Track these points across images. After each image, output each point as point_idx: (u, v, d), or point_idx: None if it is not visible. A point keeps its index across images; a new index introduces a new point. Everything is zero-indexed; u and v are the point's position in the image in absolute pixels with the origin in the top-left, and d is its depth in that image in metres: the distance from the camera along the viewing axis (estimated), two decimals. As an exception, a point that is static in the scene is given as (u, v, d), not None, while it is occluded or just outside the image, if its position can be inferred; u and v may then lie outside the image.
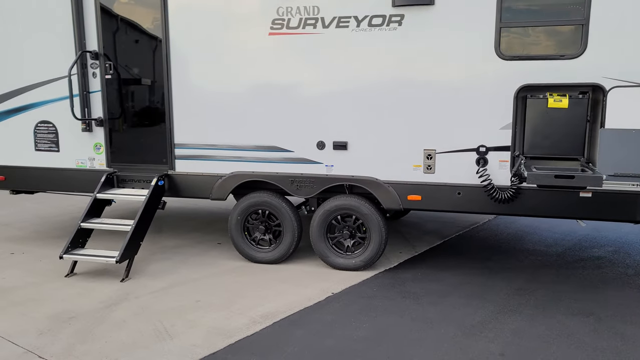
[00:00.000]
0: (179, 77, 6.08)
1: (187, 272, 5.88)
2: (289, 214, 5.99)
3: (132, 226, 5.71)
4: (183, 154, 6.23)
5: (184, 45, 6.00)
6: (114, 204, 6.54)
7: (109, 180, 6.35)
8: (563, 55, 4.98)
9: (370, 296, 5.14)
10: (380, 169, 5.63)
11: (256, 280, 5.62)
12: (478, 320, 4.56)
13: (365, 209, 5.74)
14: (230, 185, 6.10)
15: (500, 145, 5.26)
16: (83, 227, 5.93)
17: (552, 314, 4.69)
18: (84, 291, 5.29)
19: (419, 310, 4.78)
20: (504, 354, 3.96)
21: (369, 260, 5.82)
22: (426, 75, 5.36)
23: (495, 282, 5.52)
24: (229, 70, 5.91)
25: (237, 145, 6.03)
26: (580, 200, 5.13)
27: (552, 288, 5.35)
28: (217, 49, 5.91)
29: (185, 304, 4.95)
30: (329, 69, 5.62)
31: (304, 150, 5.84)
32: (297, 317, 4.65)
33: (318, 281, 5.57)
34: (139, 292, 5.26)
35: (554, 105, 5.09)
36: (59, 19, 6.30)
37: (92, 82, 6.42)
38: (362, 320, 4.59)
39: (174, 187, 6.33)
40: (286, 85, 5.77)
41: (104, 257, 5.58)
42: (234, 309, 4.83)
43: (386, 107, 5.51)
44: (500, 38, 5.11)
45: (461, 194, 5.43)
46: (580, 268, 5.98)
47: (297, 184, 5.90)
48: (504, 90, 5.17)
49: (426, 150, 5.47)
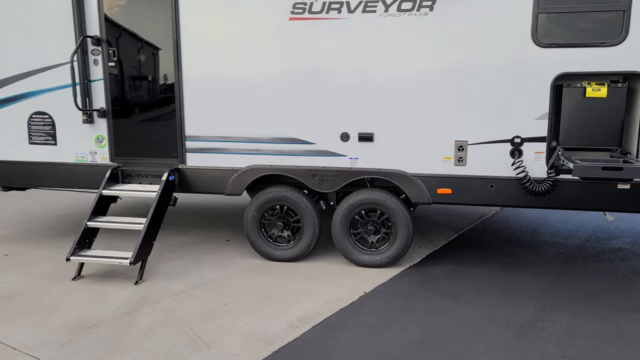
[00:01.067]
0: (191, 65, 5.69)
1: (203, 272, 5.54)
2: (309, 209, 5.69)
3: (145, 224, 5.33)
4: (195, 147, 5.86)
5: (196, 30, 5.62)
6: (119, 200, 6.11)
7: (113, 175, 5.93)
8: (603, 42, 4.80)
9: (406, 295, 4.90)
10: (409, 161, 5.39)
11: (279, 279, 5.32)
12: (525, 319, 4.38)
13: (391, 203, 5.50)
14: (246, 180, 5.76)
15: (536, 136, 5.07)
16: (90, 227, 5.50)
17: (597, 310, 4.55)
18: (97, 296, 4.90)
19: (460, 310, 4.57)
20: (566, 355, 3.78)
21: (395, 256, 5.59)
22: (458, 64, 5.12)
23: (526, 277, 5.36)
24: (245, 56, 5.56)
25: (254, 137, 5.69)
26: (618, 192, 5.00)
27: (586, 282, 5.22)
28: (233, 33, 5.54)
29: (211, 308, 4.61)
30: (354, 56, 5.32)
31: (326, 142, 5.54)
32: (337, 320, 4.38)
33: (345, 279, 5.31)
34: (158, 295, 4.90)
35: (592, 94, 4.93)
36: (58, 2, 5.82)
37: (94, 69, 5.97)
38: (405, 321, 4.35)
39: (184, 182, 5.95)
40: (307, 74, 5.45)
41: (116, 259, 5.19)
42: (267, 312, 4.52)
43: (415, 96, 5.26)
44: (537, 24, 4.90)
45: (494, 186, 5.23)
46: (606, 260, 5.88)
47: (318, 177, 5.60)
48: (540, 78, 4.98)
49: (457, 141, 5.25)
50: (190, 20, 5.60)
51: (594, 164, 4.53)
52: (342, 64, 5.36)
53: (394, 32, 5.19)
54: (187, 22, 5.60)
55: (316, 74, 5.43)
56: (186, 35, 5.63)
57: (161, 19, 5.68)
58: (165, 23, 5.66)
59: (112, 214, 5.93)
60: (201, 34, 5.62)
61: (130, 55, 5.91)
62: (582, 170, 4.49)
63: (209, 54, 5.64)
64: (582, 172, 4.49)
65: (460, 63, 5.12)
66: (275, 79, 5.53)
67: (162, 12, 5.65)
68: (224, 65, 5.62)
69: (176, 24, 5.61)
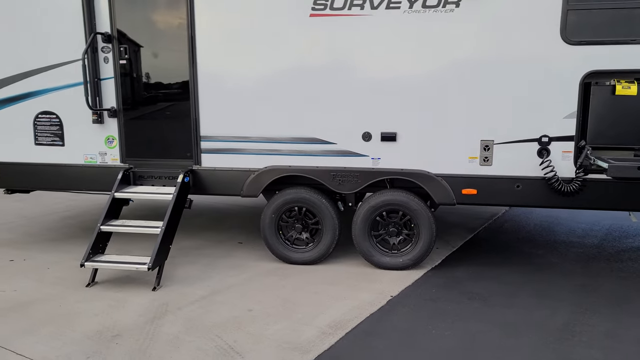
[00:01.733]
0: (206, 62, 5.51)
1: (220, 276, 5.37)
2: (329, 211, 5.54)
3: (162, 228, 5.14)
4: (210, 147, 5.67)
5: (212, 26, 5.44)
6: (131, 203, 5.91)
7: (125, 177, 5.72)
8: (634, 39, 4.72)
9: (434, 299, 4.78)
10: (433, 161, 5.27)
11: (301, 283, 5.17)
12: (562, 323, 4.28)
13: (414, 204, 5.37)
14: (264, 181, 5.59)
15: (564, 135, 4.98)
16: (103, 231, 5.30)
17: (633, 313, 4.47)
18: (116, 303, 4.70)
19: (494, 314, 4.46)
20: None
21: (418, 258, 5.47)
22: (485, 62, 5.01)
23: (553, 278, 5.28)
24: (263, 53, 5.39)
25: (272, 137, 5.53)
26: (647, 191, 4.93)
27: (614, 284, 5.14)
28: (251, 28, 5.37)
29: (237, 315, 4.45)
30: (377, 53, 5.18)
31: (347, 142, 5.40)
32: (369, 326, 4.25)
33: (368, 282, 5.18)
34: (179, 302, 4.72)
35: (622, 92, 4.84)
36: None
37: (104, 67, 5.76)
38: (440, 327, 4.23)
39: (199, 183, 5.77)
40: (328, 72, 5.30)
41: (133, 264, 4.99)
42: (296, 319, 4.37)
43: (440, 95, 5.14)
44: (566, 21, 4.80)
45: (520, 186, 5.13)
46: (628, 261, 5.82)
47: (339, 178, 5.46)
48: (569, 76, 4.88)
49: (483, 141, 5.14)
50: (205, 15, 5.42)
51: (629, 163, 4.44)
52: (364, 62, 5.22)
53: (419, 29, 5.05)
54: (202, 16, 5.42)
55: (337, 71, 5.28)
56: (201, 30, 5.44)
57: (175, 12, 5.48)
58: (180, 17, 5.46)
59: (124, 218, 5.73)
60: (217, 30, 5.44)
61: (143, 53, 5.70)
62: (617, 170, 4.40)
63: (226, 50, 5.46)
64: (617, 172, 4.40)
65: (486, 61, 5.00)
66: (294, 77, 5.37)
67: (177, 5, 5.45)
68: (242, 62, 5.44)
69: (191, 18, 5.42)
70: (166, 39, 5.61)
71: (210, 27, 5.44)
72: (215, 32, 5.44)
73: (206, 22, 5.43)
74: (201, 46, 5.48)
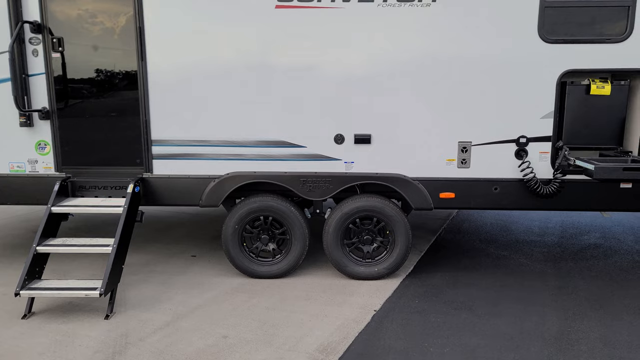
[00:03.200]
0: (157, 56, 4.89)
1: (181, 297, 4.80)
2: (298, 219, 5.12)
3: (114, 247, 4.49)
4: (163, 153, 5.06)
5: (165, 15, 4.83)
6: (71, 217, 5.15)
7: (62, 188, 4.98)
8: (609, 38, 4.68)
9: (420, 311, 4.51)
10: (409, 164, 4.99)
11: (274, 301, 4.72)
12: (556, 331, 4.14)
13: (390, 210, 5.07)
14: (226, 189, 5.07)
15: (541, 136, 4.88)
16: (40, 252, 4.55)
17: (618, 315, 4.42)
18: (63, 337, 4.02)
19: (485, 325, 4.25)
20: (621, 370, 3.57)
21: (394, 266, 5.18)
22: (462, 60, 4.79)
23: (530, 281, 5.18)
24: (224, 47, 4.86)
25: (235, 140, 5.02)
26: (620, 191, 4.93)
27: (588, 283, 5.13)
28: (211, 19, 4.82)
29: (212, 343, 3.93)
30: (349, 49, 4.82)
31: (318, 145, 5.00)
32: (362, 348, 3.88)
33: (345, 296, 4.82)
34: (140, 331, 4.12)
35: (597, 92, 4.81)
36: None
37: (33, 62, 4.97)
38: (437, 343, 3.94)
39: (151, 193, 5.14)
40: (296, 69, 4.87)
41: (81, 290, 4.31)
42: (278, 344, 3.92)
43: (416, 95, 4.86)
44: (544, 18, 4.68)
45: (498, 189, 4.98)
46: (592, 259, 5.86)
47: (309, 184, 5.05)
48: (546, 75, 4.78)
49: (461, 142, 4.93)
50: (156, 3, 4.80)
51: (615, 164, 4.39)
52: (335, 58, 4.84)
53: (393, 24, 4.75)
54: (152, 4, 4.79)
55: (306, 68, 4.86)
56: (152, 20, 4.82)
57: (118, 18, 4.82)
58: (126, 4, 4.80)
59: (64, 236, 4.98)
60: (170, 20, 4.83)
61: (81, 44, 4.97)
62: (603, 172, 4.33)
63: (180, 43, 4.87)
64: (603, 173, 4.33)
65: (464, 59, 4.78)
66: (259, 74, 4.88)
67: (122, -6, 4.79)
68: (199, 57, 4.88)
69: (139, 6, 4.78)
70: (110, 29, 4.91)
71: (162, 17, 4.83)
72: (168, 23, 4.84)
73: (157, 11, 4.81)
74: (151, 38, 4.86)
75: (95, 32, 4.90)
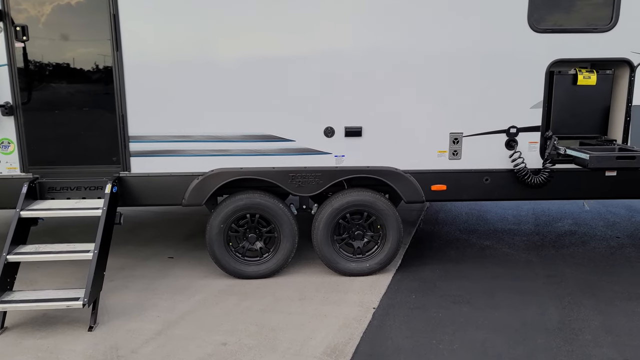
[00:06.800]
0: (134, 45, 4.56)
1: (167, 303, 4.52)
2: (287, 216, 4.93)
3: (95, 252, 4.15)
4: (142, 150, 4.74)
5: (142, 4, 4.50)
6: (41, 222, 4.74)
7: (31, 190, 4.57)
8: (595, 28, 4.71)
9: (419, 306, 4.42)
10: (400, 157, 4.88)
11: (268, 302, 4.52)
12: (557, 321, 4.15)
13: (381, 204, 4.96)
14: (211, 186, 4.81)
15: (530, 126, 4.88)
16: (11, 261, 4.15)
17: (611, 301, 4.49)
18: (45, 354, 3.68)
19: (488, 318, 4.21)
20: (629, 359, 3.59)
21: (386, 261, 5.08)
22: (452, 50, 4.71)
23: (519, 270, 5.21)
24: (207, 34, 4.58)
25: (220, 135, 4.76)
26: (605, 179, 5.00)
27: (575, 270, 5.20)
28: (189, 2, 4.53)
29: (212, 352, 3.70)
30: (338, 39, 4.64)
31: (307, 138, 4.81)
32: (370, 349, 3.75)
33: (340, 293, 4.69)
34: (131, 343, 3.83)
35: (584, 82, 4.85)
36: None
37: (-7, 52, 4.52)
38: (444, 340, 3.87)
39: (129, 193, 4.81)
40: (285, 59, 4.65)
41: (61, 301, 3.95)
42: (283, 349, 3.74)
43: (408, 86, 4.76)
44: (533, 7, 4.66)
45: (489, 180, 4.95)
46: (571, 246, 5.97)
47: (298, 179, 4.86)
48: (536, 65, 4.77)
49: (452, 133, 4.86)
50: (133, -9, 4.46)
51: (608, 153, 4.44)
52: (323, 48, 4.65)
53: (385, 11, 4.60)
54: (128, -8, 4.46)
55: (296, 59, 4.65)
56: (127, 6, 4.47)
57: None
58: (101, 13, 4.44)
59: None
60: (148, 5, 4.50)
61: (49, 33, 4.56)
62: (598, 161, 4.36)
63: (158, 31, 4.55)
64: (598, 162, 4.37)
65: (455, 49, 4.71)
66: (245, 65, 4.64)
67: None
68: (179, 46, 4.58)
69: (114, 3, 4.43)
70: (81, 15, 4.52)
71: (139, 3, 4.49)
72: (145, 9, 4.50)
73: (133, -3, 4.47)
74: (127, 26, 4.51)
75: (64, 20, 4.50)
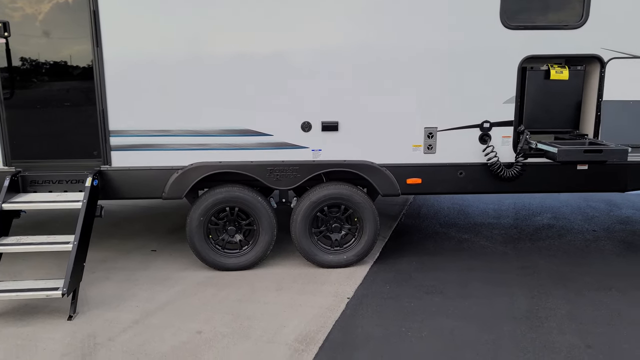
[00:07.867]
0: (114, 40, 4.64)
1: (146, 294, 4.62)
2: (266, 209, 5.03)
3: (75, 244, 4.25)
4: (122, 144, 4.83)
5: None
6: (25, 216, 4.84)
7: (13, 183, 4.66)
8: (566, 25, 4.82)
9: (392, 297, 4.53)
10: (377, 151, 4.99)
11: (245, 293, 4.62)
12: (525, 310, 4.27)
13: (358, 197, 5.06)
14: (190, 180, 4.91)
15: (503, 120, 4.99)
16: (-8, 252, 4.26)
17: (579, 291, 4.61)
18: (24, 342, 3.78)
19: (459, 307, 4.32)
20: (591, 345, 3.71)
21: (363, 253, 5.19)
22: (426, 46, 4.81)
23: (494, 263, 5.32)
24: (185, 30, 4.67)
25: (198, 130, 4.85)
26: (577, 173, 5.11)
27: (548, 262, 5.32)
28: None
29: (186, 340, 3.80)
30: (314, 35, 4.75)
31: (285, 133, 4.91)
32: (341, 337, 3.86)
33: (317, 284, 4.79)
34: (108, 331, 3.93)
35: (556, 77, 4.96)
36: None
37: (-26, 48, 4.60)
38: (414, 328, 3.98)
39: (110, 187, 4.91)
40: (263, 53, 4.75)
41: (41, 291, 4.05)
42: (256, 336, 3.84)
43: (383, 81, 4.85)
44: (506, 5, 4.76)
45: (463, 173, 5.06)
46: (547, 239, 6.08)
47: (276, 173, 4.96)
48: (508, 61, 4.88)
49: (427, 128, 4.97)
50: (112, -12, 4.55)
51: (576, 147, 4.55)
52: (301, 41, 4.75)
53: (363, 5, 4.70)
54: (108, -11, 4.54)
55: (273, 54, 4.75)
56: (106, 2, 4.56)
57: None
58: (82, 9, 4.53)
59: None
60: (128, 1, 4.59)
61: (29, 28, 4.64)
62: (566, 154, 4.48)
63: (138, 26, 4.64)
64: (566, 156, 4.48)
65: (429, 44, 4.81)
66: (223, 59, 4.73)
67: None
68: (158, 42, 4.67)
69: None
70: (62, 11, 4.61)
71: (118, 1, 4.58)
72: (125, 6, 4.59)
73: (112, -6, 4.56)
74: (107, 22, 4.60)
75: (45, 15, 4.58)
